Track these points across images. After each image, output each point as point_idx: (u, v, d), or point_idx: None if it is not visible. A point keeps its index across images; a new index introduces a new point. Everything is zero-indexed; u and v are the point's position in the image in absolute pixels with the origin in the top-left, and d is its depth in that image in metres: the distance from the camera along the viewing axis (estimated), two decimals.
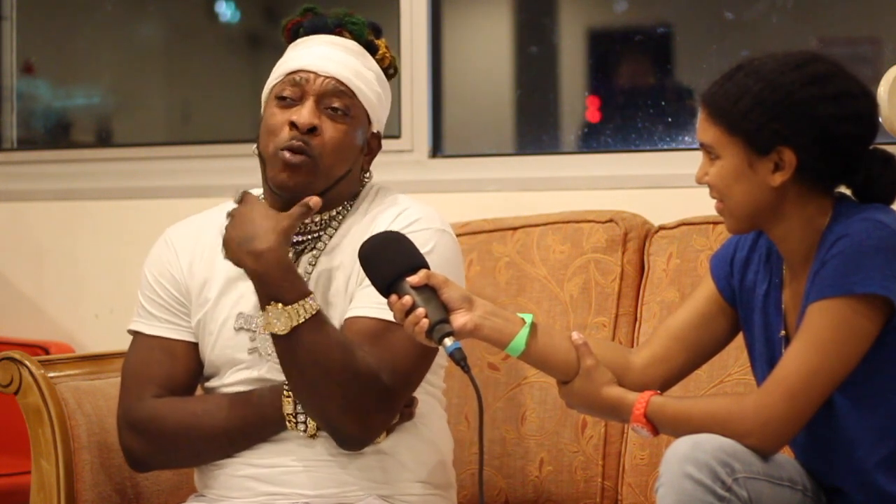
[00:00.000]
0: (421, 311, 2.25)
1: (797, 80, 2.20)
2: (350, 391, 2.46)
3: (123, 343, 2.90)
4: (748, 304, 2.37)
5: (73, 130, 4.81)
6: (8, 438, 3.80)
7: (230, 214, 2.54)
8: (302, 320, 2.45)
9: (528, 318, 2.32)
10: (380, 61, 2.66)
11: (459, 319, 2.27)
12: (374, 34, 2.67)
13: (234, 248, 2.49)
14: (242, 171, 3.52)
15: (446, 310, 2.27)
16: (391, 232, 2.40)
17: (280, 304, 2.45)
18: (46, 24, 4.60)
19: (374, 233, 2.43)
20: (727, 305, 2.41)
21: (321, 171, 2.57)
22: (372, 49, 2.66)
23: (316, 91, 2.57)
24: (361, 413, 2.47)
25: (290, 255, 2.57)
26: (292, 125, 2.55)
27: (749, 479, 2.14)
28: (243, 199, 2.55)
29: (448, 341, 2.24)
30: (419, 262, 2.31)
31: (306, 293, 2.47)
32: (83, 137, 4.77)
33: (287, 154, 2.55)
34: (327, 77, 2.58)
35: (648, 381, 2.37)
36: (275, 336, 2.47)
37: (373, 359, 2.48)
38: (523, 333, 2.30)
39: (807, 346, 2.17)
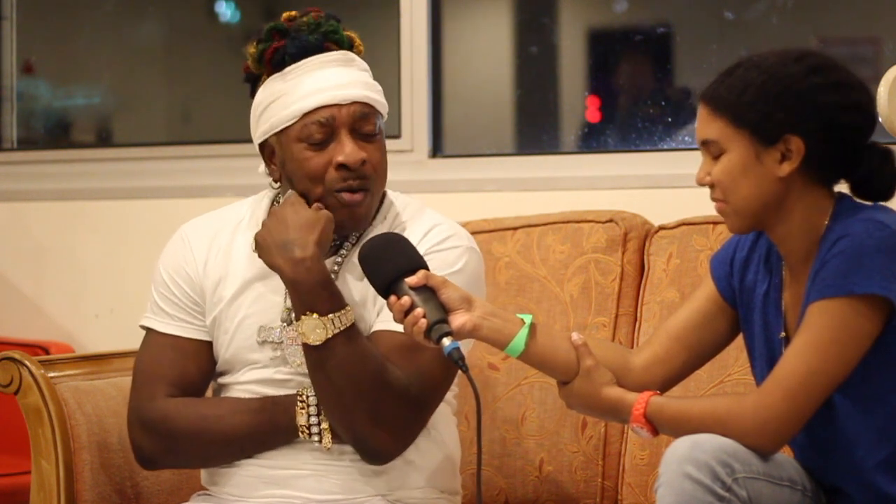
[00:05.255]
0: (419, 311, 2.25)
1: (799, 71, 2.22)
2: (380, 405, 2.45)
3: (124, 343, 2.90)
4: (748, 305, 2.37)
5: (73, 130, 4.82)
6: (8, 438, 3.80)
7: (272, 212, 2.53)
8: (337, 331, 2.44)
9: (528, 318, 2.32)
10: (357, 53, 2.62)
11: (458, 319, 2.27)
12: (339, 26, 2.62)
13: (272, 253, 2.48)
14: (242, 171, 3.52)
15: (445, 310, 2.27)
16: (390, 234, 2.40)
17: (316, 315, 2.45)
18: (46, 24, 4.60)
19: None
20: (727, 306, 2.41)
21: (376, 195, 2.57)
22: (350, 46, 2.62)
23: (346, 123, 2.53)
24: (390, 427, 2.47)
25: None
26: (340, 166, 2.51)
27: (749, 479, 2.14)
28: (287, 198, 2.53)
29: (446, 341, 2.25)
30: (418, 263, 2.31)
31: (342, 304, 2.47)
32: (83, 137, 4.77)
33: (346, 196, 2.53)
34: (351, 105, 2.54)
35: (649, 382, 2.37)
36: (307, 346, 2.46)
37: (402, 373, 2.48)
38: (522, 334, 2.30)
39: (807, 347, 2.17)
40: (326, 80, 2.55)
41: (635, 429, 2.27)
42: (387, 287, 2.29)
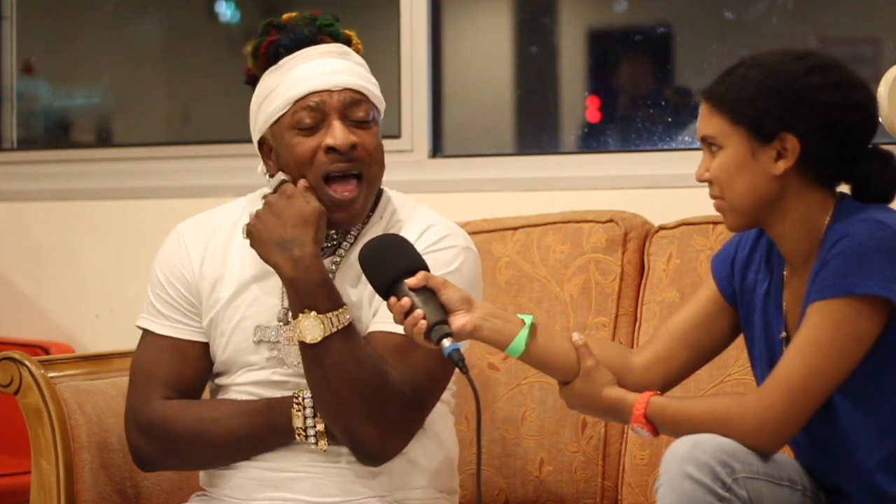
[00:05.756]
0: (419, 312, 2.25)
1: (799, 70, 2.22)
2: (376, 405, 2.45)
3: (123, 343, 2.89)
4: (749, 304, 2.37)
5: (73, 130, 4.82)
6: (8, 438, 3.80)
7: (266, 203, 2.51)
8: (335, 330, 2.44)
9: (528, 319, 2.32)
10: (357, 51, 2.63)
11: (459, 320, 2.27)
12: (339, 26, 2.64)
13: (269, 249, 2.48)
14: (242, 171, 3.52)
15: (446, 311, 2.27)
16: (391, 235, 2.40)
17: (314, 313, 2.44)
18: (46, 24, 4.60)
19: None
20: (728, 306, 2.41)
21: (370, 185, 2.55)
22: (348, 43, 2.63)
23: (336, 108, 2.53)
24: (386, 427, 2.47)
25: None
26: (329, 149, 2.51)
27: (749, 479, 2.14)
28: (283, 189, 2.51)
29: (446, 342, 2.24)
30: (418, 264, 2.31)
31: (340, 303, 2.47)
32: (83, 137, 4.77)
33: (337, 195, 2.51)
34: (342, 91, 2.54)
35: (649, 382, 2.37)
36: (304, 345, 2.46)
37: (397, 373, 2.47)
38: (523, 335, 2.30)
39: (806, 347, 2.17)
40: (318, 68, 2.55)
41: (636, 429, 2.27)
42: (387, 288, 2.29)
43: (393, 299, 2.28)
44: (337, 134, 2.51)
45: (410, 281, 2.27)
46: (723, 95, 2.25)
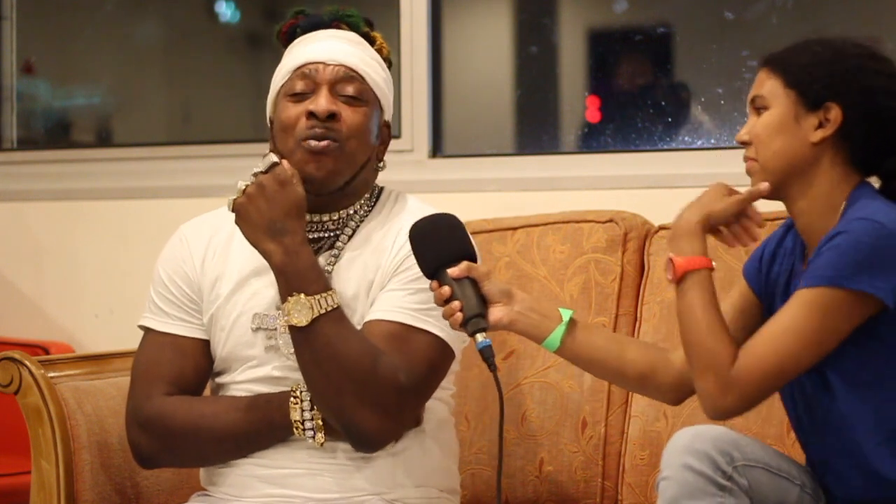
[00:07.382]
0: (456, 304, 2.28)
1: (859, 53, 2.31)
2: (367, 388, 2.45)
3: (123, 343, 2.90)
4: (773, 295, 2.41)
5: (73, 130, 4.82)
6: (8, 438, 3.80)
7: (257, 183, 2.52)
8: (323, 311, 2.46)
9: (567, 314, 2.35)
10: (378, 51, 2.67)
11: (496, 314, 2.31)
12: (368, 27, 2.69)
13: (260, 234, 2.50)
14: (242, 171, 3.52)
15: (485, 303, 2.29)
16: (444, 215, 2.41)
17: (302, 295, 2.46)
18: (46, 24, 4.60)
19: (397, 241, 2.52)
20: (759, 302, 2.44)
21: (346, 156, 2.57)
22: (369, 40, 2.67)
23: (328, 80, 2.57)
24: (378, 411, 2.47)
25: None
26: (310, 115, 2.55)
27: (748, 467, 2.18)
28: (276, 173, 2.52)
29: (480, 337, 2.27)
30: (464, 252, 2.32)
31: (328, 287, 2.49)
32: (83, 137, 4.77)
33: (311, 142, 2.54)
34: (337, 65, 2.58)
35: (688, 377, 2.37)
36: (293, 328, 2.47)
37: (391, 360, 2.48)
38: (559, 331, 2.34)
39: (787, 332, 2.20)
40: (322, 45, 2.61)
41: (671, 263, 2.27)
42: (431, 272, 2.32)
43: (435, 284, 2.31)
44: (319, 101, 2.55)
45: (453, 271, 2.30)
46: (781, 60, 2.32)
